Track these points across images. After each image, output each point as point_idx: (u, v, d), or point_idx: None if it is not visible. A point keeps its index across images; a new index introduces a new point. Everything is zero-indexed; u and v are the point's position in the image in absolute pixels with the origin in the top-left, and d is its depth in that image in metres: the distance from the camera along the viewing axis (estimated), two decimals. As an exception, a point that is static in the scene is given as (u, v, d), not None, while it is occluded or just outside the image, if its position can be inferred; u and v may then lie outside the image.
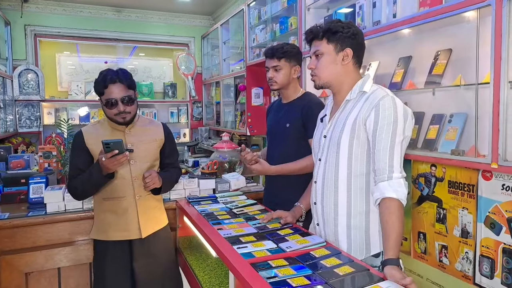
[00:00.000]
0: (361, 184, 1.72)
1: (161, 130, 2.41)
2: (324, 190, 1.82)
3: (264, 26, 4.16)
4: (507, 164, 1.65)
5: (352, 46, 1.74)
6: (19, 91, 5.59)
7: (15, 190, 2.86)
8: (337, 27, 1.73)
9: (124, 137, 2.26)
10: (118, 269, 2.25)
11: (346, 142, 1.71)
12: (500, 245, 1.83)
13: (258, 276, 1.43)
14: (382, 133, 1.60)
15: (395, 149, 1.59)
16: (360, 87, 1.74)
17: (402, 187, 1.57)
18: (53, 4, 5.92)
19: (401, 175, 1.59)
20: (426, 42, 2.22)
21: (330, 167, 1.79)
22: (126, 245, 2.27)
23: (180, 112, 6.80)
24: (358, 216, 1.73)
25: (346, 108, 1.77)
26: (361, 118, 1.66)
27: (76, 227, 2.57)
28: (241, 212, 2.32)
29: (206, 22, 6.87)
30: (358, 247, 1.73)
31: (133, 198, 2.26)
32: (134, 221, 2.26)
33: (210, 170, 3.41)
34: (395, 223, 1.53)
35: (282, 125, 2.48)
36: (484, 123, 1.78)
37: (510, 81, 1.63)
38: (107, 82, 2.14)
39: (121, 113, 2.18)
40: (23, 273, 2.46)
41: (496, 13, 1.65)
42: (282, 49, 2.43)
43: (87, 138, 2.24)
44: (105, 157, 2.02)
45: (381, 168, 1.60)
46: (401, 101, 1.65)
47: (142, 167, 2.28)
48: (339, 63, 1.75)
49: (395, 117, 1.59)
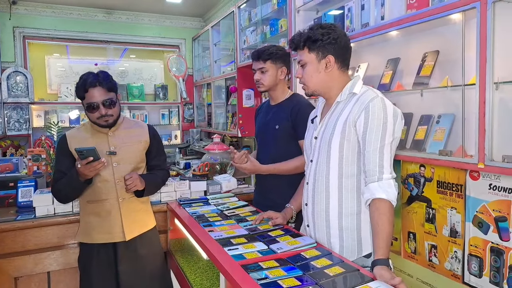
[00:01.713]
0: (352, 185, 1.73)
1: (146, 131, 2.40)
2: (315, 191, 1.83)
3: (254, 28, 4.17)
4: (494, 164, 1.67)
5: (334, 52, 1.74)
6: (7, 94, 5.54)
7: (3, 194, 2.84)
8: (317, 35, 1.73)
9: (107, 140, 2.26)
10: (103, 272, 2.25)
11: (337, 144, 1.72)
12: (488, 244, 1.85)
13: (248, 277, 1.43)
14: (372, 134, 1.61)
15: (384, 150, 1.60)
16: (350, 89, 1.75)
17: (392, 188, 1.58)
18: (42, 6, 5.88)
19: (391, 175, 1.61)
20: (414, 44, 2.24)
21: (321, 168, 1.80)
22: (111, 247, 2.26)
23: (171, 114, 6.79)
24: (350, 217, 1.73)
25: (336, 109, 1.78)
26: (351, 119, 1.67)
27: (65, 230, 2.56)
28: (232, 213, 2.33)
29: (197, 24, 6.87)
30: (350, 248, 1.73)
31: (116, 200, 2.25)
32: (117, 223, 2.25)
33: (201, 172, 3.41)
34: (385, 224, 1.54)
35: (271, 126, 2.50)
36: (471, 124, 1.80)
37: (496, 82, 1.65)
38: (87, 86, 2.14)
39: (102, 116, 2.17)
40: (12, 278, 2.44)
41: (481, 15, 1.67)
42: (268, 51, 2.45)
43: (71, 142, 2.23)
44: (81, 164, 2.04)
45: (371, 170, 1.61)
46: (390, 102, 1.66)
47: (126, 170, 2.27)
48: (323, 71, 1.76)
49: (385, 118, 1.60)
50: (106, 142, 2.25)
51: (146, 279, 2.33)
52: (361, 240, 1.73)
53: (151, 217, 2.45)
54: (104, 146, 2.23)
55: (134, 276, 2.29)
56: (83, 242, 2.29)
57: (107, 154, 2.20)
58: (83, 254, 2.31)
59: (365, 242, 1.73)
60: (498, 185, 1.78)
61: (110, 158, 2.23)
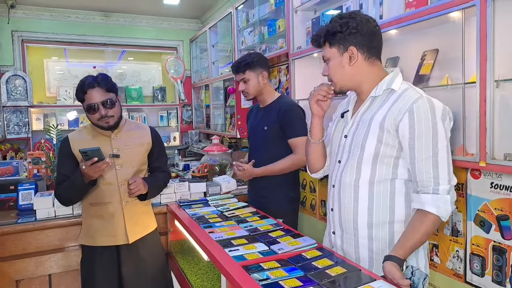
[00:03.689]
0: (385, 191, 1.58)
1: (148, 133, 2.40)
2: (342, 196, 1.68)
3: (252, 28, 4.16)
4: (495, 162, 1.66)
5: (356, 43, 1.57)
6: (7, 97, 5.53)
7: (4, 197, 2.84)
8: (335, 27, 1.58)
9: (110, 143, 2.25)
10: (106, 275, 2.24)
11: (372, 147, 1.56)
12: (490, 243, 1.85)
13: (250, 278, 1.43)
14: (421, 141, 1.46)
15: (439, 157, 1.45)
16: (388, 84, 1.59)
17: (447, 205, 1.44)
18: (41, 9, 5.87)
19: (449, 186, 1.46)
20: (413, 43, 2.23)
21: (350, 171, 1.64)
22: (114, 250, 2.26)
23: (169, 115, 6.78)
24: (381, 226, 1.59)
25: (371, 106, 1.62)
26: (391, 121, 1.51)
27: (66, 233, 2.56)
28: (232, 214, 2.33)
29: (194, 25, 6.86)
30: (380, 261, 1.52)
31: (119, 203, 2.25)
32: (120, 226, 2.25)
33: (200, 173, 3.41)
34: (421, 232, 1.45)
35: (260, 128, 2.62)
36: (472, 122, 1.79)
37: (496, 80, 1.65)
38: (86, 88, 2.14)
39: (103, 117, 2.17)
40: (13, 281, 2.45)
41: (480, 13, 1.66)
42: (244, 62, 2.58)
43: (73, 144, 2.23)
44: (85, 165, 2.03)
45: (424, 181, 1.47)
46: (438, 100, 1.53)
47: (129, 172, 2.27)
48: (347, 64, 1.61)
49: (434, 121, 1.45)
50: (109, 145, 2.25)
51: (148, 281, 2.33)
52: None
53: (152, 219, 2.46)
54: (107, 149, 2.22)
55: (136, 278, 2.28)
56: (86, 245, 2.29)
57: (110, 157, 2.20)
58: (85, 257, 2.31)
59: None
60: (500, 183, 1.78)
61: (113, 161, 2.22)
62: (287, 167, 2.51)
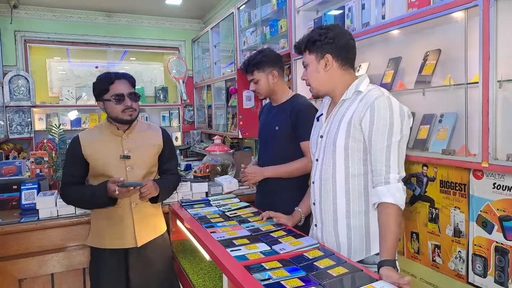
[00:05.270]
0: (359, 184, 1.73)
1: (159, 135, 2.39)
2: (322, 191, 1.83)
3: (254, 29, 4.17)
4: (498, 163, 1.66)
5: (332, 51, 1.76)
6: (9, 97, 5.54)
7: (7, 197, 2.85)
8: (315, 35, 1.78)
9: (121, 143, 2.24)
10: (113, 278, 2.23)
11: (342, 142, 1.72)
12: (492, 243, 1.84)
13: (252, 278, 1.43)
14: (378, 133, 1.61)
15: (392, 149, 1.60)
16: (356, 87, 1.75)
17: (400, 192, 1.58)
18: (43, 9, 5.88)
19: (399, 176, 1.60)
20: (415, 43, 2.23)
21: (327, 168, 1.80)
22: (122, 253, 2.23)
23: (171, 116, 6.78)
24: (358, 215, 1.74)
25: (341, 107, 1.78)
26: (356, 118, 1.67)
27: (68, 232, 2.56)
28: (234, 215, 2.32)
29: (196, 25, 6.87)
30: (358, 247, 1.74)
31: (129, 206, 2.23)
32: (129, 229, 2.23)
33: (202, 174, 3.41)
34: (392, 226, 1.54)
35: (272, 127, 2.51)
36: (474, 123, 1.79)
37: (499, 80, 1.64)
38: (113, 78, 2.17)
39: (128, 108, 2.17)
40: (16, 280, 2.46)
41: (483, 13, 1.66)
42: (252, 62, 2.50)
43: (85, 145, 2.20)
44: (119, 191, 2.06)
45: (378, 170, 1.61)
46: (397, 100, 1.66)
47: (139, 174, 2.25)
48: (322, 70, 1.79)
49: (391, 117, 1.60)
50: (120, 146, 2.23)
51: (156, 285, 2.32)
52: (369, 239, 1.73)
53: (162, 222, 2.44)
54: (118, 149, 2.22)
55: (144, 282, 2.27)
56: (94, 247, 2.26)
57: (121, 158, 2.20)
58: (93, 258, 2.29)
59: (374, 241, 1.72)
60: (503, 184, 1.77)
61: (123, 162, 2.21)
62: (296, 170, 2.41)
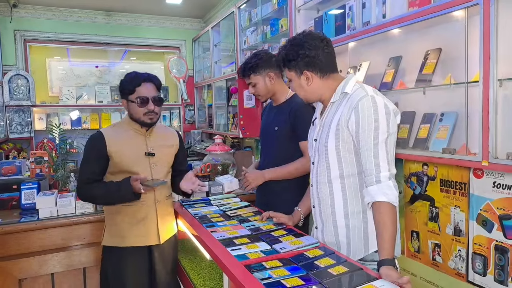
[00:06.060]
0: (355, 183, 1.74)
1: (176, 136, 2.47)
2: (320, 193, 1.85)
3: (255, 28, 4.16)
4: (498, 161, 1.66)
5: (309, 67, 1.76)
6: (9, 97, 5.53)
7: (7, 196, 2.85)
8: (290, 55, 1.77)
9: (145, 141, 2.27)
10: (138, 276, 2.22)
11: (333, 145, 1.73)
12: (492, 242, 1.85)
13: (252, 277, 1.43)
14: (364, 133, 1.62)
15: (379, 147, 1.60)
16: (342, 89, 1.76)
17: (392, 190, 1.58)
18: (43, 8, 5.88)
19: (389, 173, 1.60)
20: (416, 42, 2.23)
21: (322, 170, 1.81)
22: (145, 250, 2.24)
23: (172, 115, 6.78)
24: (356, 215, 1.75)
25: (330, 110, 1.80)
26: (343, 120, 1.69)
27: (69, 232, 2.56)
28: (234, 214, 2.32)
29: (197, 25, 6.86)
30: (357, 247, 1.75)
31: (153, 202, 2.26)
32: (153, 226, 2.25)
33: (203, 173, 3.41)
34: (387, 224, 1.54)
35: (272, 128, 2.53)
36: (474, 122, 1.79)
37: (499, 79, 1.64)
38: (141, 80, 2.19)
39: (150, 112, 2.19)
40: (17, 280, 2.46)
41: (484, 12, 1.66)
42: (248, 66, 2.51)
43: (109, 142, 2.19)
44: (144, 190, 2.10)
45: (368, 169, 1.62)
46: (382, 99, 1.66)
47: (162, 171, 2.31)
48: (305, 86, 1.80)
49: (376, 116, 1.61)
50: (144, 143, 2.27)
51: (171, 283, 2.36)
52: (368, 238, 1.74)
53: (175, 221, 2.47)
54: (142, 147, 2.25)
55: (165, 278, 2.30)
56: (112, 246, 2.24)
57: (146, 155, 2.23)
58: (112, 259, 2.24)
59: (372, 240, 1.72)
60: (502, 183, 1.78)
61: (148, 159, 2.24)
62: (295, 171, 2.41)
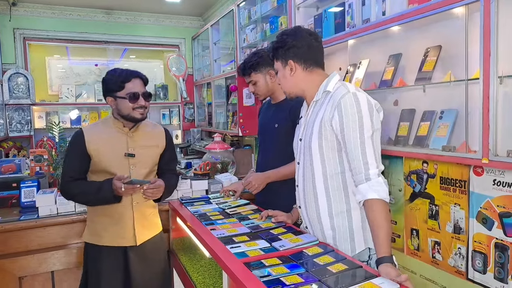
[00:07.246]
0: (338, 184, 1.73)
1: (163, 135, 2.40)
2: (305, 193, 1.84)
3: (254, 26, 4.16)
4: (498, 159, 1.65)
5: (294, 57, 1.78)
6: (9, 95, 5.53)
7: (6, 194, 2.85)
8: (278, 43, 1.82)
9: (126, 141, 2.23)
10: (112, 274, 2.21)
11: (316, 144, 1.73)
12: (492, 240, 1.84)
13: (251, 275, 1.42)
14: (349, 131, 1.61)
15: (366, 144, 1.60)
16: (324, 87, 1.76)
17: (382, 186, 1.58)
18: (42, 7, 5.87)
19: (378, 170, 1.60)
20: (415, 39, 2.23)
21: (307, 170, 1.81)
22: (121, 251, 2.23)
23: (171, 113, 6.78)
24: (340, 215, 1.74)
25: (314, 109, 1.80)
26: (326, 119, 1.68)
27: (68, 230, 2.56)
28: (234, 212, 2.32)
29: (196, 23, 6.86)
30: (343, 248, 1.74)
31: (130, 204, 2.22)
32: (129, 227, 2.22)
33: (202, 171, 3.40)
34: (382, 221, 1.54)
35: (271, 125, 2.52)
36: (475, 119, 1.79)
37: (500, 76, 1.64)
38: (130, 76, 2.17)
39: (141, 107, 2.18)
40: (16, 277, 2.46)
41: (484, 9, 1.65)
42: (248, 64, 2.50)
43: (89, 140, 2.17)
44: (125, 188, 2.06)
45: (356, 167, 1.61)
46: (364, 94, 1.66)
47: (142, 173, 2.26)
48: (288, 76, 1.82)
49: (359, 113, 1.60)
50: (125, 143, 2.22)
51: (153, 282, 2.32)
52: (353, 238, 1.73)
53: (158, 220, 2.44)
54: (123, 147, 2.21)
55: (143, 280, 2.26)
56: (91, 243, 2.25)
57: (126, 156, 2.19)
58: (90, 255, 2.26)
59: (358, 240, 1.73)
60: (503, 180, 1.77)
61: (127, 160, 2.21)
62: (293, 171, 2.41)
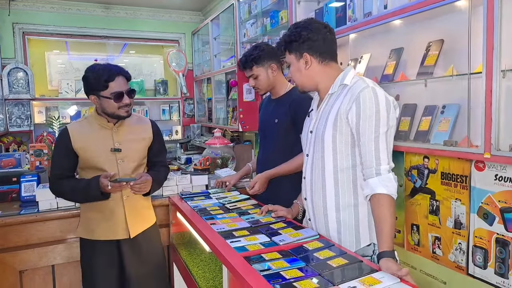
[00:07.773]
0: (348, 178, 1.72)
1: (149, 128, 2.38)
2: (313, 185, 1.83)
3: (254, 20, 4.14)
4: (500, 154, 1.65)
5: (309, 50, 1.76)
6: (8, 90, 5.51)
7: (6, 189, 2.85)
8: (292, 36, 1.78)
9: (111, 136, 2.22)
10: (107, 268, 2.22)
11: (330, 137, 1.72)
12: (493, 235, 1.84)
13: (251, 269, 1.42)
14: (365, 125, 1.60)
15: (380, 140, 1.60)
16: (341, 80, 1.75)
17: (392, 182, 1.58)
18: (41, 1, 5.84)
19: (389, 166, 1.60)
20: (417, 33, 2.21)
21: (316, 162, 1.80)
22: (115, 244, 2.23)
23: (171, 109, 6.76)
24: (347, 209, 1.74)
25: (328, 102, 1.79)
26: (343, 111, 1.67)
27: (68, 224, 2.56)
28: (234, 207, 2.32)
29: (196, 18, 6.83)
30: (348, 241, 1.73)
31: (120, 199, 2.22)
32: (121, 221, 2.22)
33: (202, 167, 3.40)
34: (387, 216, 1.54)
35: (271, 121, 2.50)
36: (477, 113, 1.78)
37: (503, 70, 1.63)
38: (114, 75, 2.12)
39: (126, 105, 2.16)
40: (17, 271, 2.46)
41: (488, 2, 1.64)
42: (250, 57, 2.47)
43: (74, 137, 2.17)
44: (111, 186, 2.06)
45: (368, 161, 1.61)
46: (383, 91, 1.65)
47: (130, 167, 2.25)
48: (303, 69, 1.80)
49: (377, 108, 1.59)
50: (110, 139, 2.21)
51: (149, 275, 2.31)
52: (359, 233, 1.73)
53: (152, 212, 2.44)
54: (108, 142, 2.20)
55: (137, 271, 2.27)
56: (85, 238, 2.26)
57: (112, 151, 2.18)
58: (85, 249, 2.28)
59: (363, 234, 1.73)
60: (504, 175, 1.77)
61: (114, 155, 2.20)
62: (299, 167, 2.28)
